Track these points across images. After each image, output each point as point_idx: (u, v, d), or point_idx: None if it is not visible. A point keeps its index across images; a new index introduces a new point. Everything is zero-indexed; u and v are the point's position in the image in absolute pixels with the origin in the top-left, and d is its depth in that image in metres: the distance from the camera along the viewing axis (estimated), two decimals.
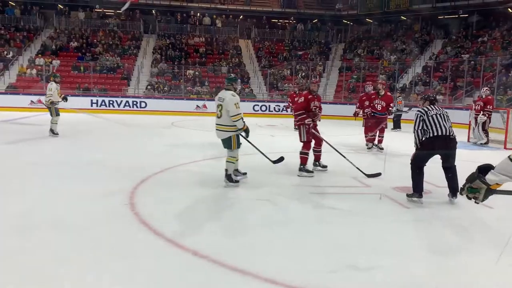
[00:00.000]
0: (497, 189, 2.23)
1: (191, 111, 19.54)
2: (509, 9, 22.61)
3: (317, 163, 7.04)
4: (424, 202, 5.12)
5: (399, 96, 17.58)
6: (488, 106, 10.75)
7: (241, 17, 28.32)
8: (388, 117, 9.70)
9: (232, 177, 5.85)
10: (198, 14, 27.33)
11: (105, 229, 4.05)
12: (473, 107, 11.29)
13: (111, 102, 19.42)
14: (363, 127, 9.65)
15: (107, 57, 23.26)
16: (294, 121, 7.49)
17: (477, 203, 2.30)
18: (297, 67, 24.43)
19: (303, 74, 24.04)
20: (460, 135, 11.92)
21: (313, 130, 6.69)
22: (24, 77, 21.11)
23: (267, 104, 20.61)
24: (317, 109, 6.92)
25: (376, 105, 9.29)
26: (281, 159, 6.59)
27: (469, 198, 2.28)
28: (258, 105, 20.62)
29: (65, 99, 10.46)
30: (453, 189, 5.06)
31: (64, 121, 10.85)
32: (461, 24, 24.64)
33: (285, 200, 5.29)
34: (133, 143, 10.39)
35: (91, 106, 18.99)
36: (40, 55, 22.50)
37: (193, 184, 6.05)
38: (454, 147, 5.05)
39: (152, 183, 5.94)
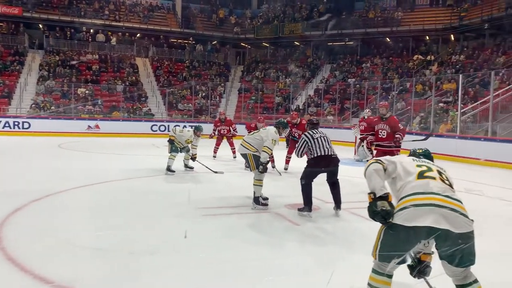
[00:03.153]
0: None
1: (82, 131, 18.32)
2: (387, 38, 25.23)
3: None
4: (313, 217, 5.37)
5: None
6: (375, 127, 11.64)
7: (138, 35, 27.59)
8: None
9: (259, 200, 5.77)
10: (91, 30, 26.06)
11: None
12: (357, 126, 12.21)
13: None
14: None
15: None
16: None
17: (388, 219, 2.51)
18: (197, 87, 24.38)
19: (204, 94, 24.07)
20: (348, 152, 12.90)
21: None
22: None
23: (165, 124, 20.13)
24: (383, 131, 7.08)
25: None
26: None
27: (384, 219, 2.51)
28: (156, 125, 20.07)
29: None
30: (337, 202, 5.56)
31: None
32: (347, 50, 26.79)
33: (178, 223, 5.08)
34: (11, 167, 9.33)
35: None
36: None
37: (76, 212, 5.54)
38: (337, 164, 5.60)
39: (28, 212, 5.30)
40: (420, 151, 3.04)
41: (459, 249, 2.39)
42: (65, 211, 5.54)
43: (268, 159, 5.79)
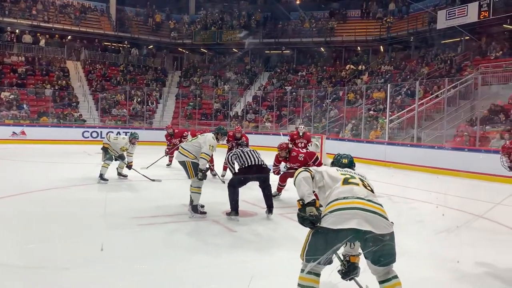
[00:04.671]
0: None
1: (6, 138, 17.09)
2: (321, 48, 26.16)
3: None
4: (249, 222, 5.56)
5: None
6: (310, 144, 10.99)
7: (69, 37, 26.34)
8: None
9: (197, 208, 5.71)
10: (17, 31, 24.46)
11: None
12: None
13: None
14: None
15: None
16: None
17: (316, 223, 2.66)
18: (132, 92, 23.70)
19: (139, 99, 23.44)
20: None
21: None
22: None
23: (98, 130, 19.34)
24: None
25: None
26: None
27: (313, 224, 2.66)
28: (88, 132, 19.22)
29: None
30: (269, 206, 5.85)
31: None
32: (284, 59, 27.41)
33: (112, 233, 4.89)
34: None
35: None
36: None
37: None
38: (267, 172, 5.92)
39: None
40: (345, 161, 3.20)
41: (380, 249, 2.59)
42: None
43: (207, 166, 5.78)
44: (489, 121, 12.82)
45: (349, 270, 2.92)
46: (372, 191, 2.80)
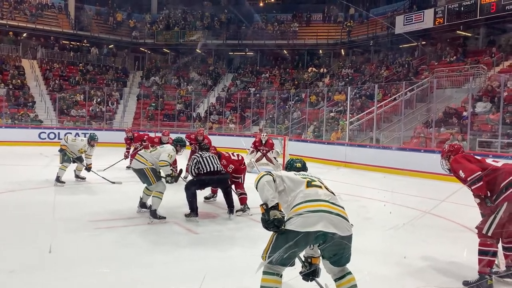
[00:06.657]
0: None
1: None
2: (284, 51, 26.42)
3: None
4: (210, 223, 5.65)
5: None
6: (272, 152, 10.87)
7: (24, 34, 25.31)
8: None
9: (157, 214, 5.61)
10: None
11: None
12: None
13: None
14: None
15: None
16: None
17: (280, 226, 2.67)
18: (92, 92, 23.06)
19: (99, 100, 22.83)
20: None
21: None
22: None
23: (56, 131, 18.69)
24: None
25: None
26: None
27: (277, 227, 2.67)
28: (45, 133, 18.53)
29: None
30: (230, 207, 6.00)
31: None
32: (248, 61, 27.48)
33: (69, 237, 4.75)
34: None
35: None
36: None
37: None
38: (225, 177, 6.04)
39: None
40: (298, 165, 3.27)
41: (341, 251, 2.68)
42: None
43: (173, 171, 5.81)
44: (444, 123, 13.37)
45: (310, 272, 2.97)
46: (332, 193, 2.86)
